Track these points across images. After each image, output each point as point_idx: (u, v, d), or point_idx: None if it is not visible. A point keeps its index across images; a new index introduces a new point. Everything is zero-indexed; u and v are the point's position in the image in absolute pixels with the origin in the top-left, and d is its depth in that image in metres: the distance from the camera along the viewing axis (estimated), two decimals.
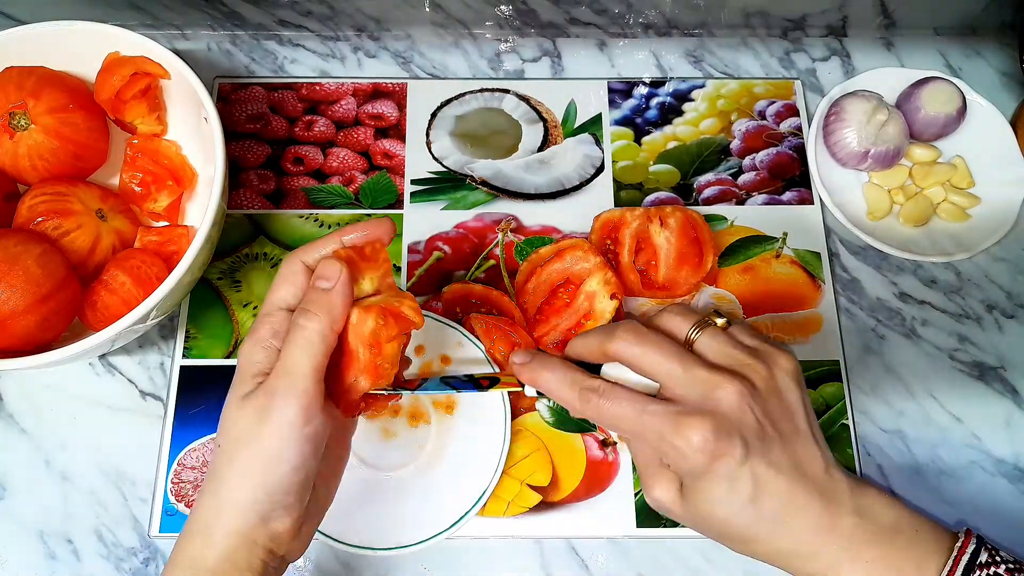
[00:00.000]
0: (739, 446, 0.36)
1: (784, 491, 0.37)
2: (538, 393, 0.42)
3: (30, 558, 0.50)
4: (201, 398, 0.53)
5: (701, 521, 0.38)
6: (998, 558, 0.37)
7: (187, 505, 0.51)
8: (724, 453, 0.36)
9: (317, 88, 0.62)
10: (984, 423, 0.54)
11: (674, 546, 0.51)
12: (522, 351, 0.42)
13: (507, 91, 0.62)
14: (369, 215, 0.58)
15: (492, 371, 0.43)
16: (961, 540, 0.38)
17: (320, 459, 0.36)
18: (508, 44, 0.64)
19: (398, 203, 0.59)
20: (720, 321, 0.40)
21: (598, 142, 0.61)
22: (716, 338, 0.39)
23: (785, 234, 0.58)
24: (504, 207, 0.59)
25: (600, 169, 0.60)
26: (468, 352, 0.53)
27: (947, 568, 0.36)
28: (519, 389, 0.43)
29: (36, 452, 0.52)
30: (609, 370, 0.41)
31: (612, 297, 0.52)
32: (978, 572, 0.36)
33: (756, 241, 0.58)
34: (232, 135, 0.60)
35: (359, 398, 0.38)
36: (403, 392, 0.42)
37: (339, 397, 0.38)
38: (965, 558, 0.37)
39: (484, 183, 0.59)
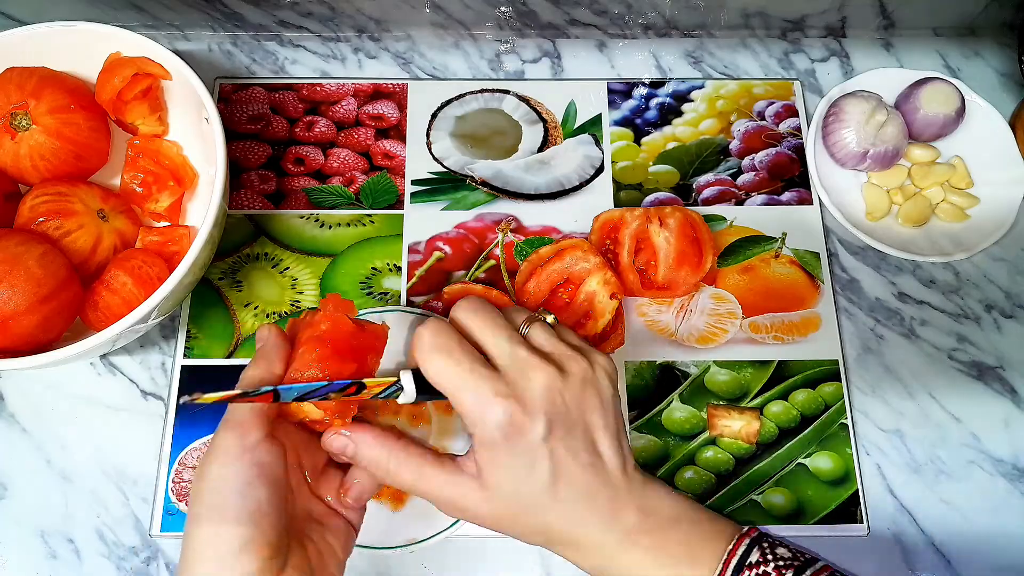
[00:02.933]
0: (542, 425, 0.38)
1: (579, 477, 0.39)
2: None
3: (31, 558, 0.50)
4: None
5: (501, 506, 0.39)
6: (770, 556, 0.39)
7: (188, 504, 0.51)
8: (523, 431, 0.38)
9: (318, 89, 0.62)
10: (983, 423, 0.54)
11: None
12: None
13: (507, 92, 0.63)
14: (370, 215, 0.58)
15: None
16: (736, 539, 0.40)
17: (279, 496, 0.37)
18: (508, 45, 0.64)
19: (398, 203, 0.59)
20: (549, 318, 0.43)
21: (598, 142, 0.61)
22: (545, 331, 0.42)
23: (784, 234, 0.58)
24: (504, 207, 0.59)
25: (600, 169, 0.60)
26: None
27: (719, 567, 0.39)
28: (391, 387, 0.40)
29: (37, 452, 0.52)
30: None
31: (612, 297, 0.53)
32: (747, 572, 0.39)
33: (755, 241, 0.58)
34: (233, 135, 0.60)
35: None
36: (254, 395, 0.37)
37: None
38: (735, 560, 0.39)
39: (484, 183, 0.59)
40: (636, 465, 0.42)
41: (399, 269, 0.57)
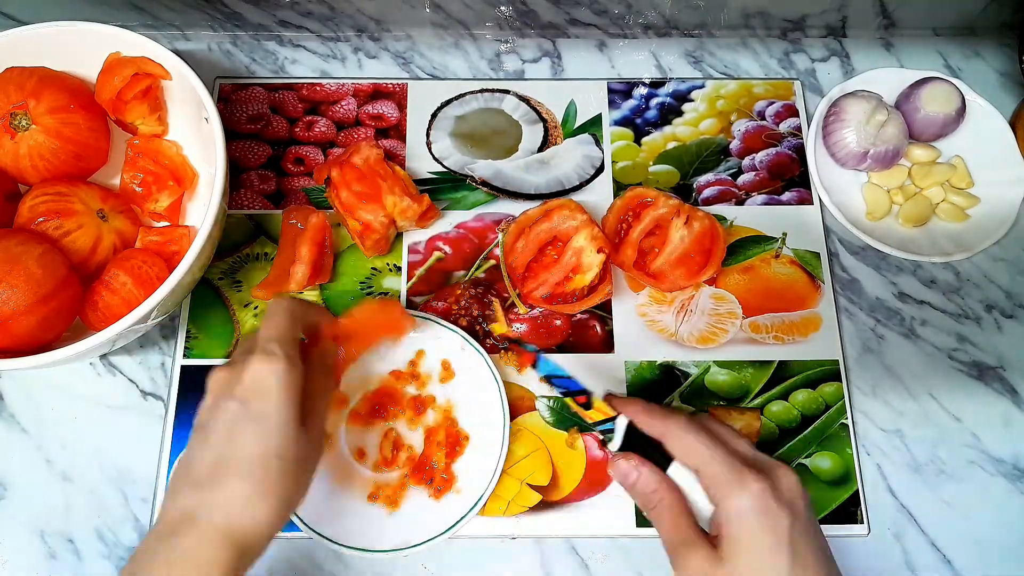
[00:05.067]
0: (788, 513, 0.38)
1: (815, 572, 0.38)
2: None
3: (31, 558, 0.50)
4: (202, 398, 0.53)
5: None
6: None
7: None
8: (774, 511, 0.37)
9: (318, 88, 0.62)
10: (983, 423, 0.54)
11: None
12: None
13: (507, 91, 0.63)
14: None
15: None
16: None
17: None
18: (508, 45, 0.64)
19: None
20: None
21: (598, 142, 0.61)
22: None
23: (785, 234, 0.58)
24: (504, 207, 0.59)
25: (600, 169, 0.60)
26: (470, 356, 0.53)
27: None
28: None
29: (37, 452, 0.52)
30: (675, 472, 0.41)
31: (599, 251, 0.53)
32: None
33: (756, 241, 0.58)
34: (233, 135, 0.60)
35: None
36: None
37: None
38: None
39: (484, 183, 0.59)
40: None
41: (399, 269, 0.57)
